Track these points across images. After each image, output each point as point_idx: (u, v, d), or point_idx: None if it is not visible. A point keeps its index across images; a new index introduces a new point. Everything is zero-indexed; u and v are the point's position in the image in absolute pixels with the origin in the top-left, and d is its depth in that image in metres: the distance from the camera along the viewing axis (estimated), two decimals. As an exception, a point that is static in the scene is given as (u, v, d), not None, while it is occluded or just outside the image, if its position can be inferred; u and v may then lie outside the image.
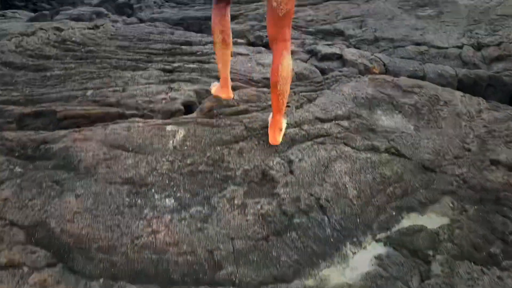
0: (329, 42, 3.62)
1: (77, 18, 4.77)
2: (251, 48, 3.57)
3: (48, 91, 2.58)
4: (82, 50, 3.34)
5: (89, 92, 2.54)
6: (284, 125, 2.13)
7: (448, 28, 3.71)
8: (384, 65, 3.23)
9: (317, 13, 4.15)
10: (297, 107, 2.41)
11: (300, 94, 2.61)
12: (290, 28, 1.88)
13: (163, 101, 2.46)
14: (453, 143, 2.27)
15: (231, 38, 2.15)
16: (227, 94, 2.41)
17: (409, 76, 3.09)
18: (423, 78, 3.12)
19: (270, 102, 2.28)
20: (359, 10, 4.13)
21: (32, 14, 9.83)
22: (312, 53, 3.45)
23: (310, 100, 2.51)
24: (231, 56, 2.28)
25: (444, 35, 3.59)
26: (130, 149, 1.95)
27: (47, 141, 2.00)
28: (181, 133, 2.07)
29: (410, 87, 2.78)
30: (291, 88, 2.73)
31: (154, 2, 5.00)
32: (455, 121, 2.47)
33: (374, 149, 2.14)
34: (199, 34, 3.95)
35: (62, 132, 2.07)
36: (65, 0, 10.61)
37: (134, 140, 2.00)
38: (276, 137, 2.05)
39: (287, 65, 1.86)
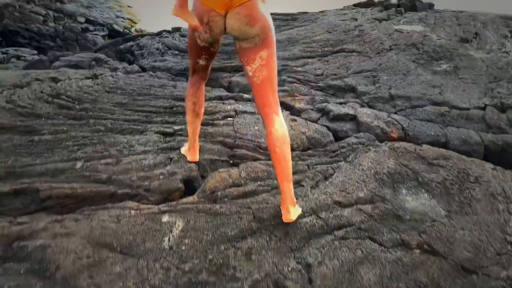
0: (341, 100, 3.39)
1: (76, 65, 4.60)
2: (257, 105, 3.33)
3: (33, 162, 2.31)
4: (77, 107, 3.11)
5: (78, 165, 2.27)
6: (299, 211, 1.90)
7: (467, 86, 3.49)
8: (403, 128, 2.98)
9: (327, 66, 3.95)
10: (312, 187, 2.13)
11: (315, 168, 2.33)
12: (276, 92, 1.83)
13: (161, 177, 2.18)
14: (493, 235, 1.97)
15: (202, 109, 2.12)
16: (192, 157, 2.34)
17: (430, 143, 2.84)
18: (446, 144, 2.86)
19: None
20: (371, 63, 3.93)
21: (35, 52, 9.83)
22: (323, 112, 3.22)
23: (326, 177, 2.23)
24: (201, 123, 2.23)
25: (464, 94, 3.37)
26: (119, 249, 1.64)
27: (22, 236, 1.71)
28: (178, 226, 1.77)
29: (435, 159, 2.51)
30: (303, 159, 2.48)
31: (157, 49, 4.84)
32: (490, 204, 2.18)
33: (404, 244, 1.84)
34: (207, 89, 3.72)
35: (42, 223, 1.77)
36: (69, 38, 10.68)
37: (123, 236, 1.70)
38: (290, 214, 1.84)
39: (280, 127, 1.80)
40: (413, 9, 6.69)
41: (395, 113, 3.25)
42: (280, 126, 1.80)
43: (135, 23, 13.15)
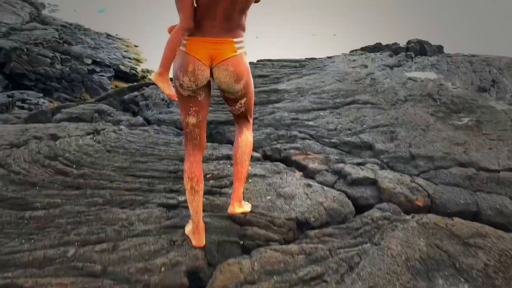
0: (358, 160, 3.15)
1: (78, 118, 4.44)
2: (268, 166, 3.10)
3: (20, 248, 2.06)
4: (74, 172, 2.89)
5: (70, 252, 2.01)
6: (247, 208, 2.25)
7: (493, 143, 3.25)
8: (429, 195, 2.72)
9: (340, 120, 3.74)
10: (337, 282, 1.85)
11: (338, 254, 2.06)
12: (251, 113, 2.13)
13: (162, 269, 1.91)
14: None
15: (201, 185, 2.03)
16: (197, 242, 2.08)
17: (460, 213, 2.57)
18: (477, 214, 2.59)
19: (305, 273, 1.78)
20: (387, 117, 3.72)
21: (40, 94, 9.79)
22: (340, 175, 2.97)
23: (351, 267, 1.95)
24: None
25: (491, 153, 3.12)
26: None
27: None
28: None
29: (470, 237, 2.23)
30: (324, 242, 2.21)
31: (162, 100, 4.69)
32: (544, 299, 1.88)
33: None
34: (209, 144, 3.52)
35: None
36: (75, 79, 10.71)
37: None
38: (235, 208, 2.14)
39: (246, 139, 2.09)
40: (423, 52, 6.58)
41: (418, 175, 3.00)
42: (246, 137, 2.09)
43: (141, 62, 13.27)
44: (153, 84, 5.42)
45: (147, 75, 11.76)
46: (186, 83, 1.76)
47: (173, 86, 1.91)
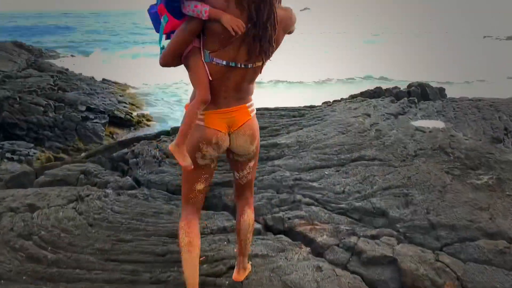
0: (372, 231, 2.80)
1: (62, 181, 4.10)
2: (270, 242, 2.73)
3: None
4: (49, 257, 2.52)
5: None
6: (249, 268, 2.32)
7: (521, 207, 2.91)
8: (458, 277, 2.34)
9: (347, 180, 3.41)
10: None
11: None
12: (252, 188, 2.16)
13: None
14: None
15: (198, 242, 1.97)
16: None
17: (499, 301, 2.19)
18: (519, 301, 2.20)
19: None
20: (398, 176, 3.40)
21: (31, 145, 9.50)
22: (353, 251, 2.60)
23: None
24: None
25: (520, 219, 2.78)
26: None
27: None
28: None
29: None
30: None
31: (153, 157, 4.38)
32: None
33: None
34: (203, 213, 3.17)
35: None
36: (69, 127, 10.47)
37: None
38: (239, 276, 2.25)
39: (248, 220, 2.10)
40: (425, 95, 6.39)
41: (441, 249, 2.63)
42: (248, 217, 2.10)
43: (137, 107, 13.12)
44: (144, 139, 5.14)
45: (142, 120, 11.58)
46: (210, 152, 1.85)
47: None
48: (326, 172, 3.60)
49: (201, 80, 1.68)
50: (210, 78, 1.69)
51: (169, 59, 1.71)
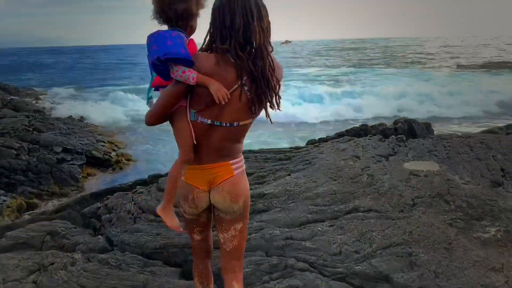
0: (376, 303, 2.45)
1: (25, 244, 3.65)
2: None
3: None
4: None
5: None
6: None
7: (536, 266, 2.64)
8: None
9: (343, 238, 3.09)
10: None
11: None
12: (242, 258, 1.96)
13: None
14: None
15: (211, 285, 2.03)
16: None
17: None
18: None
19: None
20: (398, 231, 3.11)
21: (2, 191, 8.88)
22: (357, 332, 2.24)
23: None
24: None
25: (538, 282, 2.49)
26: None
27: None
28: None
29: None
30: None
31: (128, 212, 3.99)
32: None
33: None
34: (183, 284, 2.78)
35: None
36: (43, 170, 9.92)
37: None
38: None
39: None
40: (412, 132, 6.26)
41: (456, 323, 2.31)
42: None
43: (117, 146, 12.68)
44: (119, 189, 4.75)
45: (121, 160, 11.11)
46: (187, 210, 1.83)
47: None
48: (319, 228, 3.27)
49: (185, 141, 1.68)
50: (195, 142, 1.68)
51: (156, 121, 1.68)
